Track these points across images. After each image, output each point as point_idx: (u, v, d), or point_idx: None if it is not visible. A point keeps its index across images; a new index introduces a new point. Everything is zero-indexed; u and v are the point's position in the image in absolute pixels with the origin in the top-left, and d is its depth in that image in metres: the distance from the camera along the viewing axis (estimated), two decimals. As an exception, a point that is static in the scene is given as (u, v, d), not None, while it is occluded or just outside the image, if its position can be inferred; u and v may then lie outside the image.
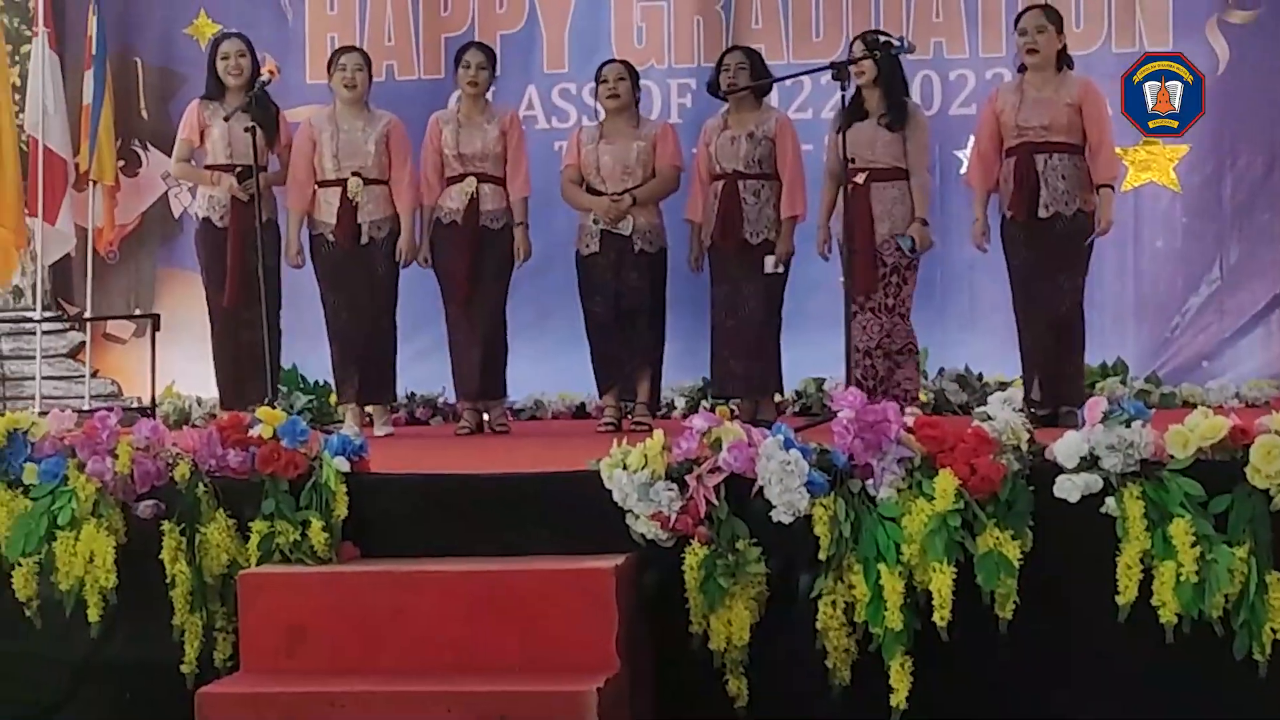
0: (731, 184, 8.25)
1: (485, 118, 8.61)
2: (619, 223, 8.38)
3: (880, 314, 7.96)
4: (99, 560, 5.31)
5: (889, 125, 7.97)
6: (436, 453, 7.41)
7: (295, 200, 8.57)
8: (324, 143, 8.49)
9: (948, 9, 10.10)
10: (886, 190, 7.97)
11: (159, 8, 10.87)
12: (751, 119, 8.31)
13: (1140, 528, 4.80)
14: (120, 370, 10.78)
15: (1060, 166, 7.83)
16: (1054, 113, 7.83)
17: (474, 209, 8.48)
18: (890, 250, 7.95)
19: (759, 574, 5.00)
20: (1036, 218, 7.84)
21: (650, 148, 8.47)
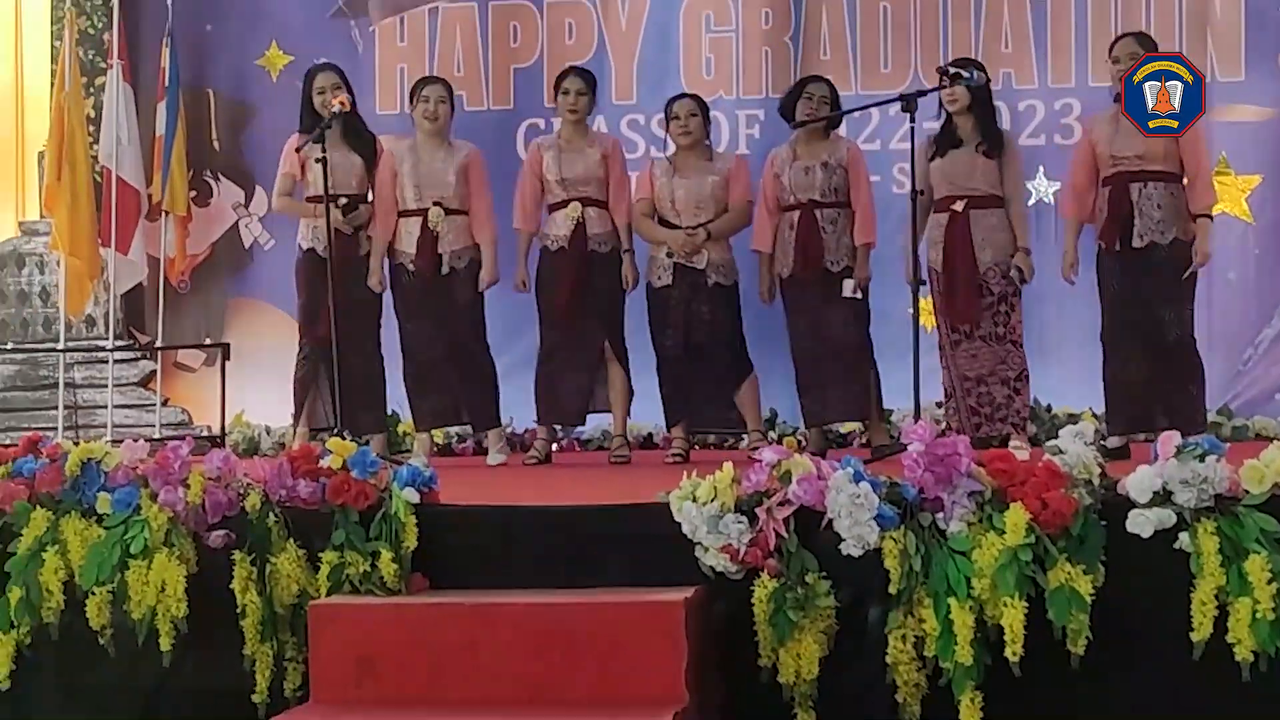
0: (808, 213, 8.23)
1: (587, 142, 8.63)
2: (693, 256, 8.37)
3: (991, 342, 7.88)
4: (170, 589, 5.34)
5: (986, 153, 7.90)
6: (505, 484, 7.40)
7: (380, 229, 8.61)
8: (405, 173, 8.53)
9: (1016, 39, 10.06)
10: (986, 218, 7.89)
11: (231, 40, 10.95)
12: (823, 149, 8.31)
13: (1215, 564, 4.77)
14: (190, 399, 10.84)
15: (1156, 195, 7.74)
16: (1149, 141, 7.72)
17: (581, 234, 8.48)
18: (995, 278, 7.87)
19: (828, 607, 4.99)
20: (1131, 247, 7.75)
21: (723, 181, 8.45)
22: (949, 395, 8.05)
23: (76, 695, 5.58)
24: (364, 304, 8.50)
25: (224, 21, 10.96)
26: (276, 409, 10.18)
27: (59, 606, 5.48)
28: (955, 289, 7.85)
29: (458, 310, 8.55)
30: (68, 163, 10.09)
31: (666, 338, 8.50)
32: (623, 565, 5.27)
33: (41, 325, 10.90)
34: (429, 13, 10.75)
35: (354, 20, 10.81)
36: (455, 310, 8.54)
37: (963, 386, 7.91)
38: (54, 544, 5.49)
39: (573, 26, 10.56)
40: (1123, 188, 7.78)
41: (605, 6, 10.53)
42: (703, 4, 10.45)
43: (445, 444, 9.71)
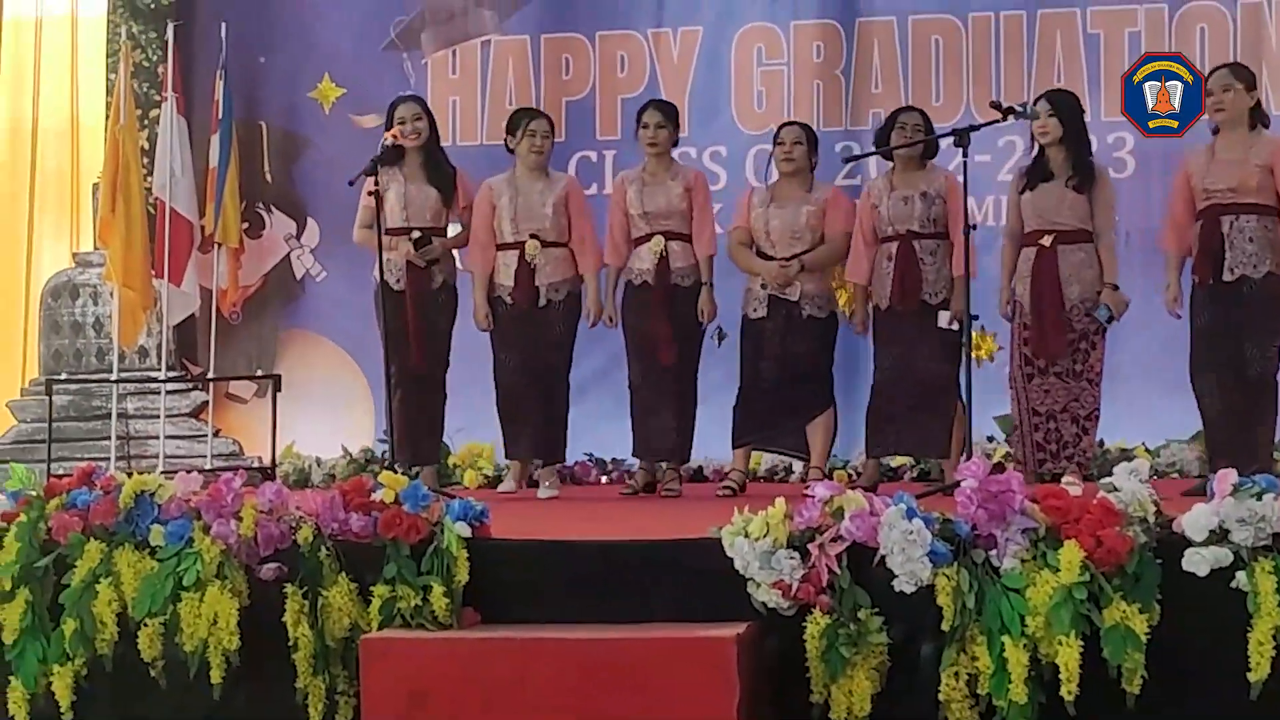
0: (907, 245, 8.17)
1: (669, 175, 8.60)
2: (787, 288, 8.34)
3: (1068, 379, 7.81)
4: (222, 622, 5.36)
5: (1076, 187, 7.83)
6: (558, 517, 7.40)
7: (479, 263, 8.63)
8: (502, 206, 8.53)
9: (1069, 72, 10.01)
10: (1074, 253, 7.81)
11: (284, 72, 11.01)
12: (920, 179, 8.24)
13: (1272, 603, 4.73)
14: (241, 430, 10.88)
15: (1248, 228, 7.60)
16: (1243, 174, 7.61)
17: (664, 268, 8.47)
18: (1079, 315, 7.80)
19: (881, 644, 4.97)
20: (1221, 281, 7.63)
21: (820, 212, 8.41)
22: (1016, 428, 8.00)
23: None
24: (436, 336, 8.49)
25: (277, 54, 11.03)
26: (327, 440, 10.25)
27: (113, 638, 5.51)
28: (1042, 324, 7.77)
29: (551, 343, 8.55)
30: (122, 195, 10.16)
31: (760, 369, 8.45)
32: (674, 600, 5.26)
33: (95, 356, 10.95)
34: (481, 45, 10.81)
35: (406, 53, 10.86)
36: (548, 342, 8.54)
37: (1030, 421, 7.84)
38: (107, 576, 5.51)
39: (625, 59, 10.59)
40: (1214, 221, 7.66)
41: (657, 39, 10.56)
42: (754, 37, 10.47)
43: (496, 476, 9.70)
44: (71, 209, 11.75)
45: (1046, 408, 7.82)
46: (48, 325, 11.06)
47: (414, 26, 10.87)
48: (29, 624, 5.60)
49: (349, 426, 10.49)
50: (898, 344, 8.25)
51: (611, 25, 10.61)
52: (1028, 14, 10.14)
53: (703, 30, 10.51)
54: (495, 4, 10.82)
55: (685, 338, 8.51)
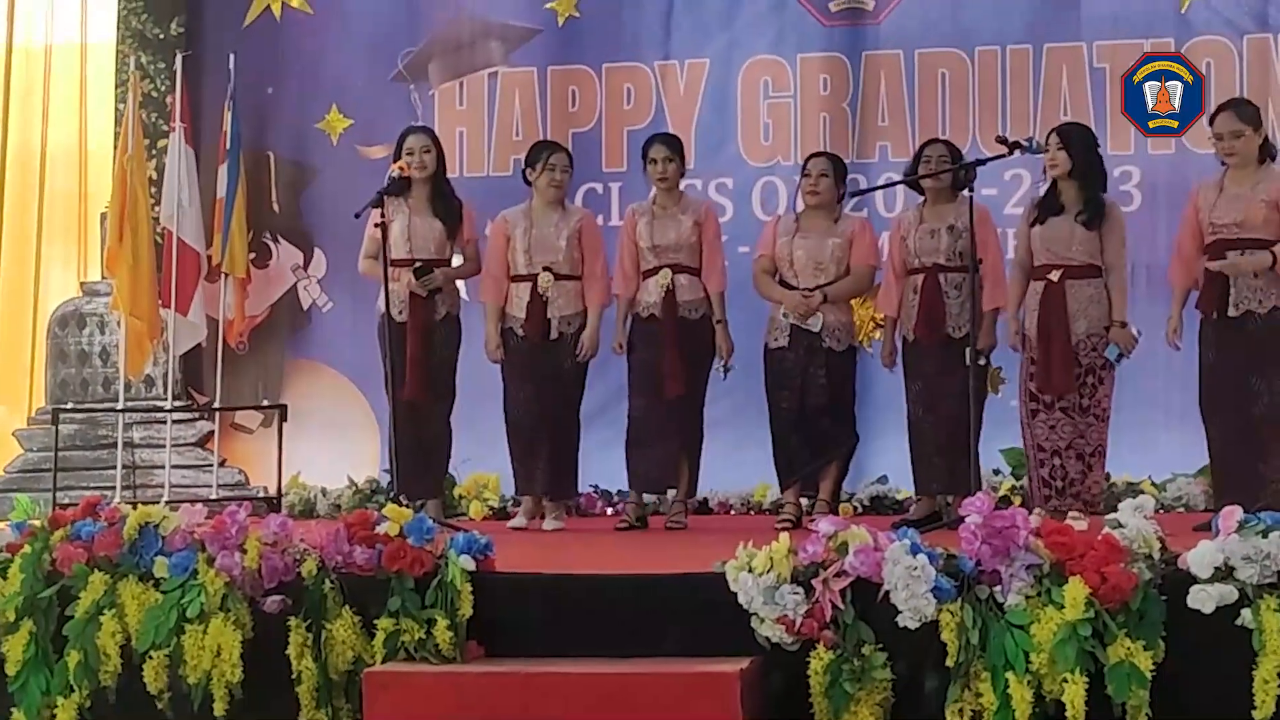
0: (932, 278, 8.16)
1: (679, 209, 8.60)
2: (808, 319, 8.35)
3: (1074, 414, 7.77)
4: (225, 654, 5.38)
5: (1086, 222, 7.81)
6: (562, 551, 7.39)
7: (491, 295, 8.63)
8: (517, 238, 8.53)
9: (1075, 106, 10.01)
10: (1083, 289, 7.78)
11: (292, 103, 11.04)
12: (949, 211, 8.20)
13: (1277, 641, 4.74)
14: (247, 460, 10.87)
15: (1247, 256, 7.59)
16: (1249, 209, 7.60)
17: (671, 301, 8.46)
18: (1086, 350, 7.76)
19: (885, 679, 4.97)
20: (1227, 316, 7.62)
21: (846, 244, 8.40)
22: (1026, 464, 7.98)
23: (132, 759, 5.60)
24: (437, 367, 8.49)
25: (285, 85, 11.06)
26: (332, 471, 10.25)
27: (116, 670, 5.52)
28: (1048, 358, 7.73)
29: (562, 375, 8.53)
30: (129, 224, 10.19)
31: (782, 399, 8.43)
32: (679, 635, 5.26)
33: (101, 385, 10.96)
34: (489, 76, 10.82)
35: (414, 84, 10.88)
36: (559, 375, 8.53)
37: (1036, 458, 7.81)
38: (111, 607, 5.53)
39: (631, 91, 10.61)
40: (1220, 256, 7.64)
41: (664, 72, 10.58)
42: (761, 69, 10.48)
43: (501, 507, 9.69)
44: (79, 238, 11.77)
45: (1052, 444, 7.79)
46: (54, 354, 11.07)
47: (421, 58, 10.89)
48: (32, 655, 5.61)
49: (354, 457, 10.47)
50: (921, 378, 8.25)
51: (618, 58, 10.62)
52: (1034, 47, 10.14)
53: (709, 62, 10.52)
54: (503, 36, 10.84)
55: (692, 371, 8.48)
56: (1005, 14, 10.22)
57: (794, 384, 8.36)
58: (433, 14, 10.92)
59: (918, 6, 10.31)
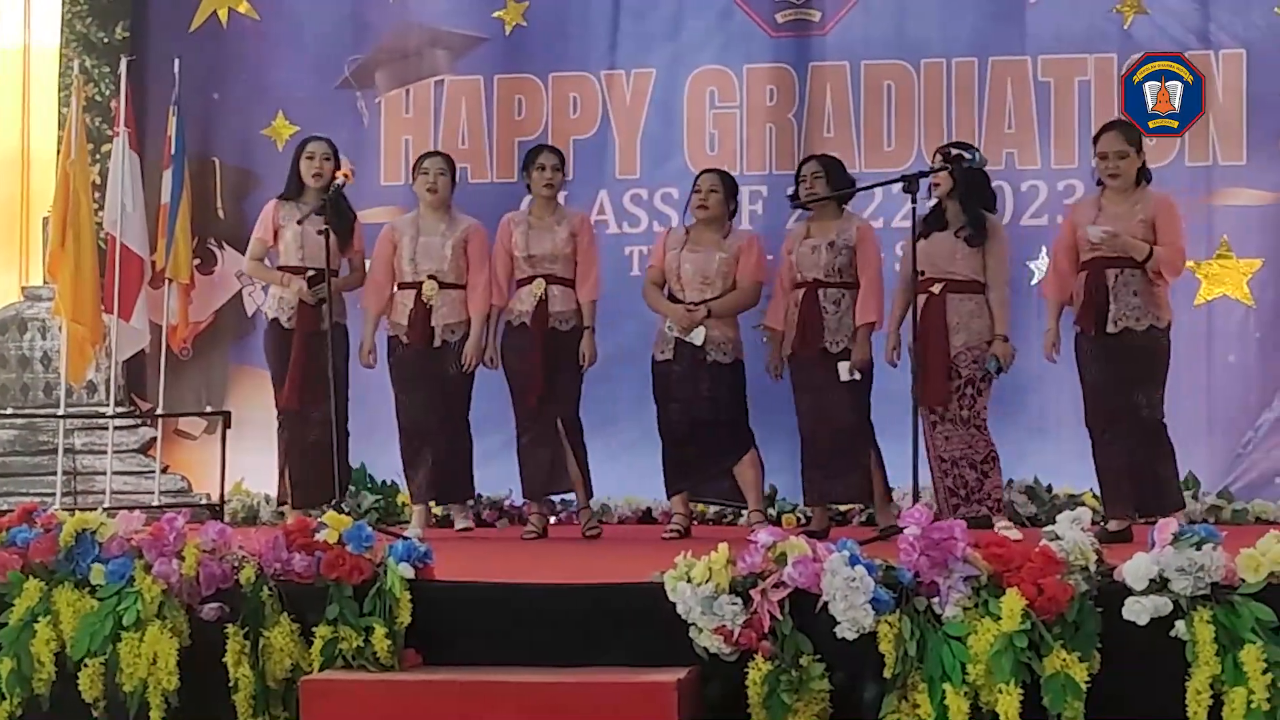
0: (812, 292, 8.26)
1: (556, 219, 8.65)
2: (690, 333, 8.38)
3: (957, 425, 7.90)
4: (162, 662, 5.34)
5: (968, 240, 7.93)
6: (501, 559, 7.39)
7: (373, 301, 8.68)
8: (404, 245, 8.59)
9: (1020, 119, 10.09)
10: (963, 303, 7.91)
11: (237, 109, 10.99)
12: (833, 227, 8.32)
13: (1210, 652, 4.76)
14: (190, 466, 10.83)
15: (1132, 282, 7.78)
16: (1128, 228, 7.78)
17: (543, 311, 8.51)
18: (966, 363, 7.88)
19: (823, 690, 4.98)
20: (1105, 332, 7.80)
21: (733, 259, 8.48)
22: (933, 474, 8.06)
23: (66, 767, 5.56)
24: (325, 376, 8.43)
25: (230, 91, 11.01)
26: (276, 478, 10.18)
27: (50, 678, 5.47)
28: (926, 370, 7.84)
29: (448, 383, 8.58)
30: (72, 229, 10.13)
31: (670, 412, 8.53)
32: (617, 644, 5.25)
33: (42, 390, 10.90)
34: (434, 85, 10.80)
35: (360, 91, 10.85)
36: (446, 383, 8.58)
37: (940, 467, 7.94)
38: (46, 614, 5.48)
39: (577, 101, 10.60)
40: (1099, 273, 7.82)
41: (610, 81, 10.58)
42: (707, 80, 10.49)
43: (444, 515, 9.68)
44: (21, 242, 11.67)
45: (949, 454, 7.92)
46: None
47: (368, 65, 10.87)
48: (-35, 662, 5.56)
49: (298, 464, 10.42)
50: (808, 391, 8.36)
51: (564, 67, 10.62)
52: (979, 61, 10.19)
53: (656, 72, 10.53)
54: (449, 44, 10.82)
55: (562, 379, 8.54)
56: (951, 27, 10.26)
57: (681, 395, 8.48)
58: (379, 22, 10.88)
59: (864, 19, 10.34)
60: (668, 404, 8.52)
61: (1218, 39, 9.88)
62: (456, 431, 8.65)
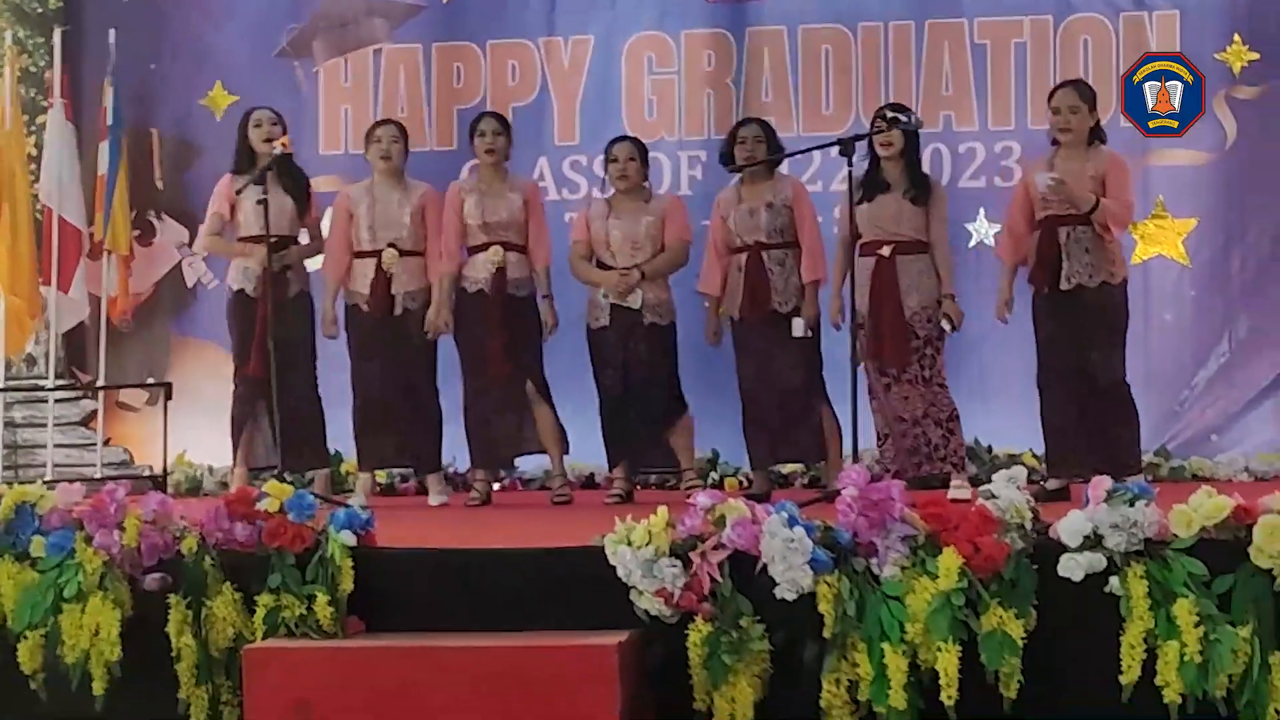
0: (755, 255, 8.27)
1: (507, 186, 8.62)
2: (628, 296, 8.41)
3: (919, 384, 7.89)
4: (104, 633, 5.35)
5: (913, 199, 7.94)
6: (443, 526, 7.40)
7: (332, 271, 8.62)
8: (360, 214, 8.53)
9: (957, 82, 10.15)
10: (913, 264, 7.91)
11: (175, 80, 10.95)
12: (767, 189, 8.33)
13: (1144, 607, 4.82)
14: (132, 439, 10.80)
15: (1084, 239, 7.80)
16: (1079, 186, 7.80)
17: (501, 278, 8.47)
18: (921, 323, 7.89)
19: (763, 651, 5.02)
20: (1059, 290, 7.83)
21: (659, 222, 8.49)
22: (883, 438, 8.09)
23: (9, 740, 5.56)
24: (295, 343, 8.46)
25: (168, 62, 10.97)
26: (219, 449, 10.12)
27: (-9, 650, 5.47)
28: (883, 333, 7.85)
29: (410, 351, 8.53)
30: (8, 201, 10.10)
31: (606, 378, 8.54)
32: (559, 608, 5.29)
33: (-19, 364, 10.85)
34: (373, 53, 10.78)
35: (298, 61, 10.82)
36: (407, 351, 8.52)
37: (899, 428, 7.94)
38: (-14, 587, 5.48)
39: (516, 68, 10.60)
40: (1052, 231, 7.85)
41: (548, 48, 10.58)
42: (645, 46, 10.51)
43: (388, 483, 9.70)
44: (-44, 216, 11.62)
45: (910, 414, 7.92)
46: (-69, 333, 10.94)
47: (306, 34, 10.83)
48: (-96, 637, 5.55)
49: (241, 435, 10.40)
50: (755, 354, 8.34)
51: (503, 34, 10.62)
52: (916, 24, 10.25)
53: (594, 39, 10.55)
54: (387, 12, 10.80)
55: (524, 347, 8.53)
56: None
57: (616, 361, 8.48)
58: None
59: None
60: (605, 370, 8.53)
61: (1152, 1, 9.96)
62: (424, 400, 8.60)
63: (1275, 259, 9.90)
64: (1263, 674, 4.76)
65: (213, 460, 10.23)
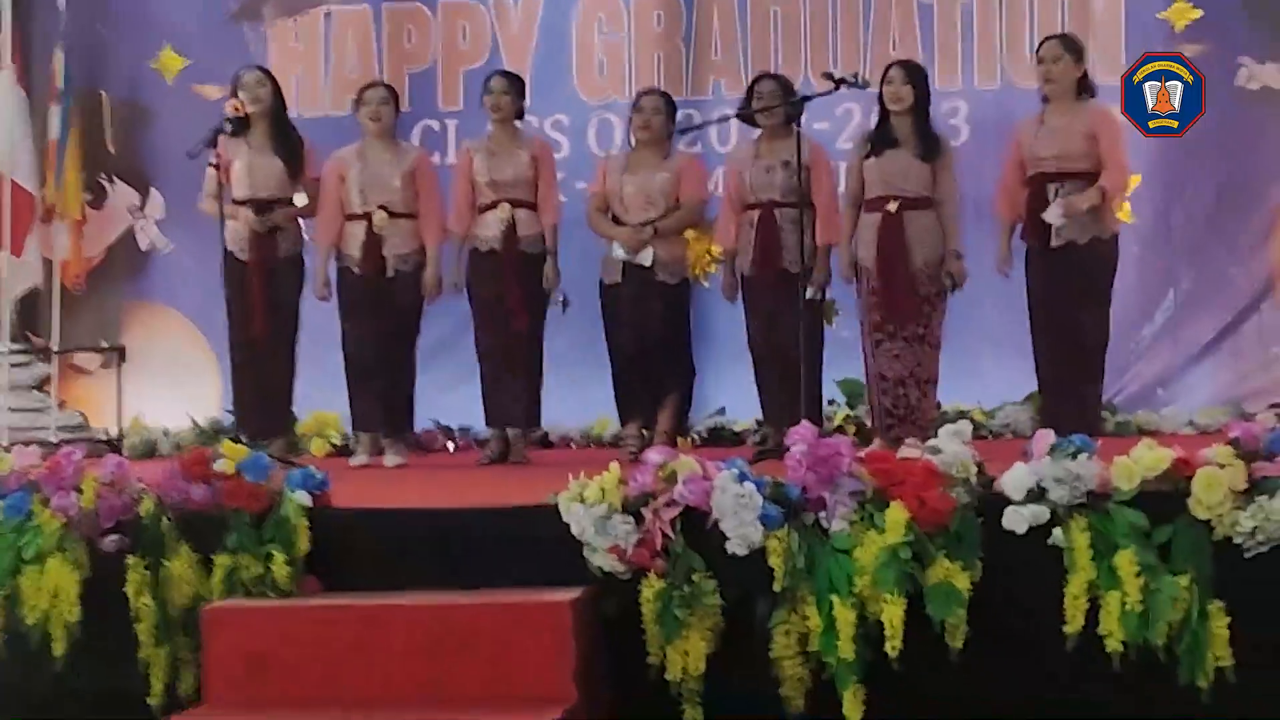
0: (768, 213, 8.24)
1: (516, 144, 8.63)
2: (640, 253, 8.43)
3: (913, 343, 7.91)
4: (63, 594, 5.39)
5: (922, 155, 7.94)
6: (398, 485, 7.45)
7: (323, 235, 8.62)
8: (351, 177, 8.51)
9: (904, 42, 10.18)
10: (919, 219, 7.90)
11: (125, 43, 10.91)
12: (784, 147, 8.16)
13: (1086, 558, 4.91)
14: (87, 402, 10.79)
15: (1073, 195, 7.83)
16: (1068, 142, 7.84)
17: (512, 235, 8.47)
18: (924, 280, 7.90)
19: (714, 605, 5.08)
20: (1049, 247, 7.85)
21: (675, 179, 8.45)
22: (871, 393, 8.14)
23: (-30, 700, 5.61)
24: (280, 305, 8.48)
25: (118, 25, 10.92)
26: (174, 412, 10.21)
27: (-50, 614, 5.50)
28: (892, 288, 7.86)
29: (397, 314, 8.53)
30: (-42, 166, 10.07)
31: (618, 335, 8.51)
32: (514, 566, 5.34)
33: (-66, 328, 10.83)
34: (324, 16, 10.78)
35: (248, 23, 10.81)
36: (395, 313, 8.53)
37: (879, 387, 7.96)
38: (-55, 551, 5.51)
39: (466, 29, 10.61)
40: (1041, 188, 7.88)
41: (499, 9, 10.59)
42: (595, 6, 10.53)
43: (343, 445, 9.73)
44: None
45: (895, 373, 7.92)
46: (-116, 298, 10.92)
47: (256, -4, 10.84)
48: None
49: (196, 398, 10.41)
50: (763, 312, 8.34)
51: (453, -5, 10.65)
52: (864, -16, 10.30)
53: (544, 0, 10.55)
54: (337, -26, 10.81)
55: (533, 304, 8.55)
56: (835, -49, 10.34)
57: (629, 319, 8.43)
58: (267, -48, 10.85)
59: (749, -58, 10.40)
60: (618, 328, 8.49)
61: (1100, -40, 10.06)
62: (403, 363, 8.63)
63: (1216, 215, 10.01)
64: (1201, 622, 4.85)
65: (168, 423, 10.25)
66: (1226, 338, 10.01)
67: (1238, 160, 9.92)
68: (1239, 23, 9.91)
